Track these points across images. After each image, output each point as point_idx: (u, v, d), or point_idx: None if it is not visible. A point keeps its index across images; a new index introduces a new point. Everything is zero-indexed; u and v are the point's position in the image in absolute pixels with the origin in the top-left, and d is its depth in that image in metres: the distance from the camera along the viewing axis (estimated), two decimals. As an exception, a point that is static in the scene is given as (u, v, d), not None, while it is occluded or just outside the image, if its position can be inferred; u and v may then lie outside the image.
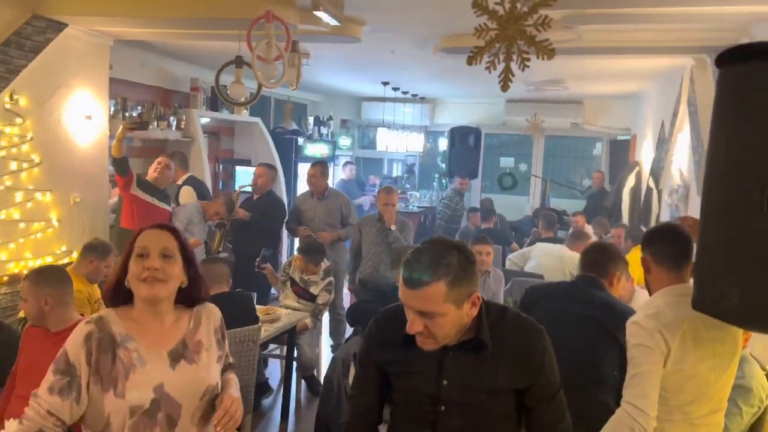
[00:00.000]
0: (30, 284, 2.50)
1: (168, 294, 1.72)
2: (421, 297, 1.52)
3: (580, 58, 4.83)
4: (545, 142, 9.58)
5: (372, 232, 4.81)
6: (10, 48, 3.89)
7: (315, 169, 5.34)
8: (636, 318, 2.05)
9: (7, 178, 3.97)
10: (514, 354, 1.63)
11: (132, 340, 1.68)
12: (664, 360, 1.93)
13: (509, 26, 1.73)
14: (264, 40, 2.74)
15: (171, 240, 1.74)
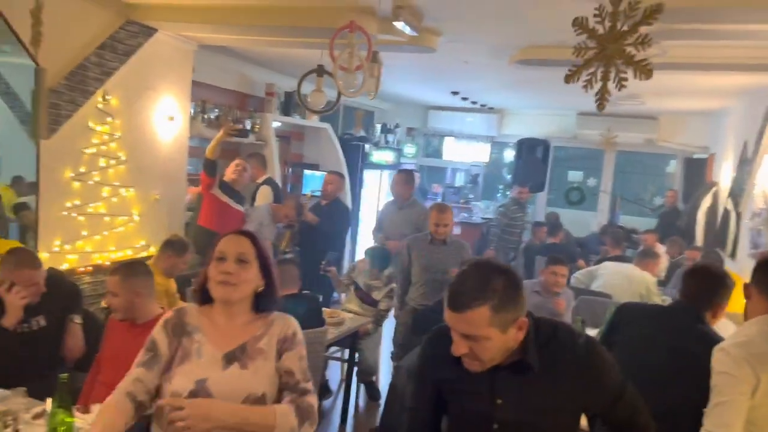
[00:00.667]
0: (121, 278, 2.62)
1: (240, 297, 1.79)
2: (464, 320, 1.51)
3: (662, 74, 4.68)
4: (617, 157, 9.32)
5: (423, 254, 4.29)
6: (105, 51, 4.12)
7: (399, 176, 5.37)
8: (724, 345, 1.97)
9: (97, 173, 4.20)
10: (568, 373, 1.60)
11: (200, 333, 1.80)
12: (751, 391, 1.85)
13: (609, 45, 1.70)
14: (347, 50, 2.80)
15: (248, 246, 1.81)
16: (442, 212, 4.19)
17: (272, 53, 5.62)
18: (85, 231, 4.16)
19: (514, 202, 7.40)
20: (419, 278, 4.32)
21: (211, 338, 1.79)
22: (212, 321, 1.82)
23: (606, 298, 5.00)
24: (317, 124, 7.20)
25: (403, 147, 9.35)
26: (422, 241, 4.31)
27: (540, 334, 1.62)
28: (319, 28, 3.70)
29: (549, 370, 1.60)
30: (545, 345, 1.61)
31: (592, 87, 1.81)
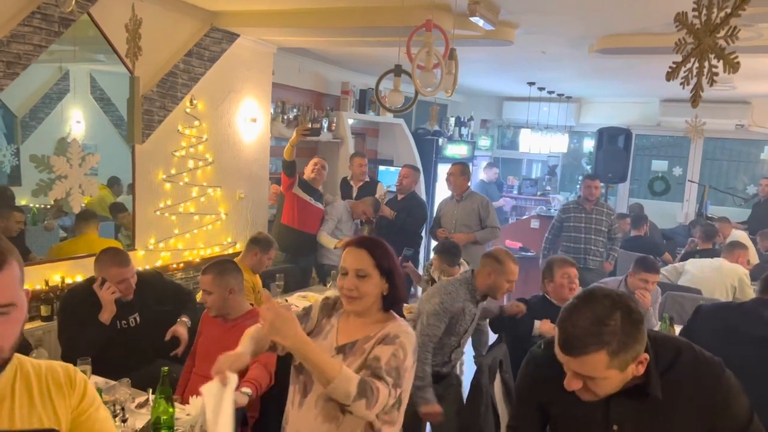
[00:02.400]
0: (214, 277, 2.76)
1: (363, 308, 1.87)
2: (579, 363, 1.42)
3: (755, 57, 4.41)
4: (704, 144, 8.85)
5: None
6: (192, 58, 4.33)
7: (455, 167, 5.35)
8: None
9: (186, 175, 4.43)
10: (692, 400, 1.48)
11: (337, 319, 1.95)
12: None
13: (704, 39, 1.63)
14: (424, 49, 2.82)
15: (366, 258, 1.85)
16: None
17: (347, 53, 5.71)
18: (177, 230, 4.40)
19: (583, 201, 5.71)
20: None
21: (341, 327, 1.92)
22: (348, 314, 1.93)
23: (695, 293, 4.79)
24: (391, 120, 7.25)
25: (477, 140, 9.26)
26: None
27: (661, 360, 1.50)
28: (395, 27, 3.72)
29: (671, 397, 1.49)
30: (668, 370, 1.50)
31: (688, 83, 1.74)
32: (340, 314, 1.95)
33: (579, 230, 5.58)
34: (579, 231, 5.58)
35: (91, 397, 1.36)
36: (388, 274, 1.86)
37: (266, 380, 2.56)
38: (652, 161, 9.48)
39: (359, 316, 1.90)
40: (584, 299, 1.46)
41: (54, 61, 3.77)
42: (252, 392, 2.43)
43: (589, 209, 5.57)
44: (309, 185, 5.03)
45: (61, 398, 1.30)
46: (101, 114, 4.58)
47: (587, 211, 5.58)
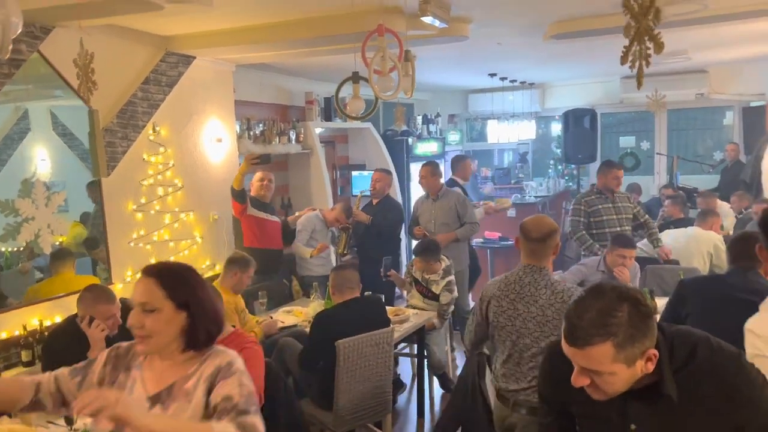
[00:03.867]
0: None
1: (155, 349, 1.61)
2: (584, 356, 1.38)
3: (705, 27, 4.51)
4: (668, 116, 9.00)
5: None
6: (149, 85, 4.30)
7: (425, 169, 5.38)
8: (750, 324, 1.86)
9: (157, 202, 4.39)
10: (713, 396, 1.43)
11: (138, 370, 1.68)
12: None
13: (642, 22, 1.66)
14: (378, 54, 2.83)
15: (153, 290, 1.58)
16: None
17: (307, 63, 5.71)
18: (153, 258, 4.36)
19: (596, 193, 5.15)
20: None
21: (146, 376, 1.66)
22: (151, 358, 1.67)
23: (673, 264, 4.87)
24: (359, 125, 7.26)
25: (446, 135, 9.31)
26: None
27: (675, 356, 1.45)
28: (349, 34, 3.75)
29: (688, 396, 1.43)
30: (683, 367, 1.45)
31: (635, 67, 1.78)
32: (140, 365, 1.68)
33: (612, 223, 4.98)
34: (613, 224, 4.97)
35: None
36: (187, 307, 1.59)
37: (256, 401, 2.55)
38: (620, 138, 9.62)
39: (164, 358, 1.64)
40: (591, 292, 1.44)
41: (10, 101, 3.72)
42: (242, 415, 2.41)
43: (612, 198, 5.06)
44: (260, 201, 4.96)
45: None
46: (66, 149, 4.52)
47: (612, 201, 5.05)
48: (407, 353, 5.01)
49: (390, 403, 3.61)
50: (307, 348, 3.42)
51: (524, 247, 2.59)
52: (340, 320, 3.35)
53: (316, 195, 6.35)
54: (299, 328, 4.07)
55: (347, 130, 7.51)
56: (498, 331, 2.62)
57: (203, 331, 1.62)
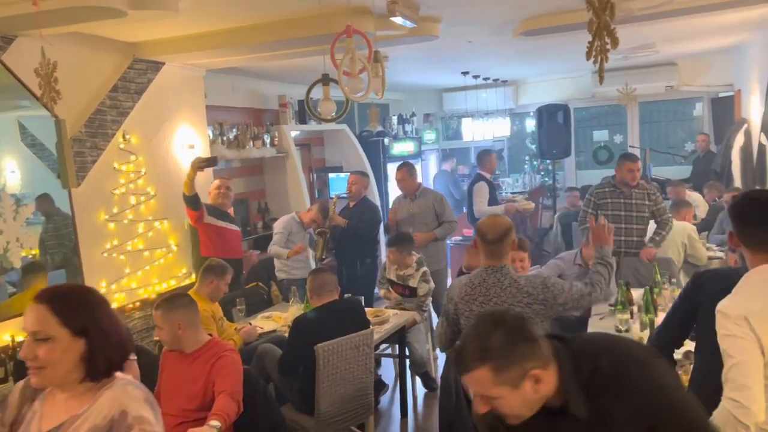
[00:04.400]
0: (162, 313, 2.73)
1: (51, 382, 1.47)
2: (470, 381, 1.44)
3: (671, 20, 4.57)
4: (640, 109, 9.12)
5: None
6: (117, 93, 4.24)
7: (401, 172, 5.39)
8: (720, 305, 1.89)
9: (130, 212, 4.33)
10: (621, 410, 1.42)
11: (42, 401, 1.55)
12: (759, 348, 1.77)
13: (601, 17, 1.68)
14: (348, 55, 2.82)
15: (47, 317, 1.43)
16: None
17: (279, 66, 5.67)
18: (128, 268, 4.30)
19: (610, 187, 4.78)
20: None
21: (45, 410, 1.52)
22: (52, 389, 1.52)
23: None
24: (335, 127, 7.24)
25: (422, 134, 9.33)
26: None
27: (582, 371, 1.44)
28: (318, 36, 3.73)
29: (600, 409, 1.42)
30: (589, 383, 1.43)
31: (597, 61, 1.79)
32: (45, 396, 1.53)
33: (618, 219, 4.63)
34: (618, 220, 4.62)
35: None
36: (85, 333, 1.44)
37: (234, 409, 2.53)
38: (593, 132, 9.72)
39: (62, 390, 1.49)
40: (478, 319, 1.51)
41: (-26, 114, 3.64)
42: (220, 424, 2.39)
43: (628, 193, 4.67)
44: (218, 210, 4.81)
45: None
46: (36, 160, 4.42)
47: (626, 196, 4.67)
48: (389, 354, 5.00)
49: (372, 404, 3.60)
50: (287, 353, 3.39)
51: (483, 249, 2.68)
52: (319, 324, 3.33)
53: (293, 199, 6.31)
54: (279, 333, 4.04)
55: (323, 133, 7.48)
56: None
57: (103, 360, 1.46)
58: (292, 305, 4.31)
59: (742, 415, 1.74)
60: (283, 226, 5.19)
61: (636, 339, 3.25)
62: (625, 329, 3.52)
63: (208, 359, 2.73)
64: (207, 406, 2.62)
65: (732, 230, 2.00)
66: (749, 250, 1.94)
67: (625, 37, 5.63)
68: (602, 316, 3.90)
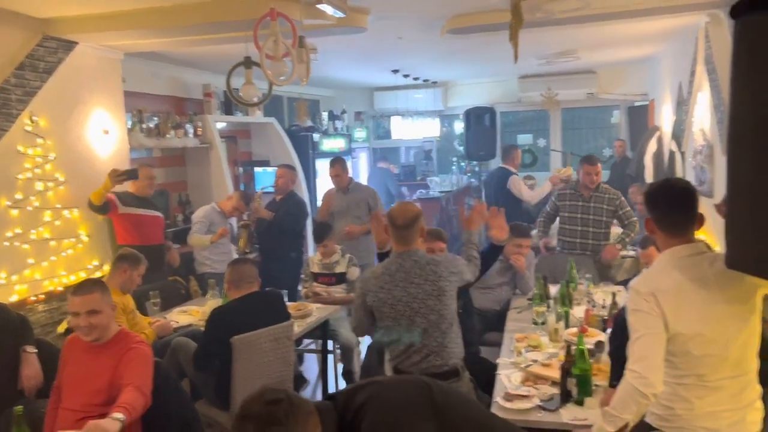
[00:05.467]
0: (102, 294, 2.59)
1: None
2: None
3: (590, 26, 4.74)
4: (562, 114, 9.46)
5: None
6: (24, 71, 3.97)
7: (336, 167, 5.39)
8: (633, 282, 2.05)
9: (35, 198, 4.06)
10: None
11: None
12: (663, 323, 1.93)
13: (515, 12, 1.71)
14: (271, 38, 2.75)
15: None
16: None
17: (203, 53, 5.49)
18: (32, 259, 4.03)
19: (573, 187, 4.95)
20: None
21: None
22: None
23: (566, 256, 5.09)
24: (262, 120, 7.10)
25: (353, 132, 9.30)
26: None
27: (345, 420, 1.51)
28: (241, 20, 3.62)
29: None
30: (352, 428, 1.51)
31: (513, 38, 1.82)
32: None
33: (574, 221, 4.81)
34: (574, 222, 4.81)
35: None
36: None
37: (141, 402, 2.39)
38: (518, 136, 10.00)
39: None
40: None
41: None
42: (124, 417, 2.25)
43: (587, 196, 4.77)
44: (137, 197, 4.61)
45: None
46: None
47: (585, 199, 4.79)
48: (312, 349, 4.93)
49: (291, 399, 3.52)
50: (202, 346, 3.26)
51: (394, 235, 2.74)
52: (237, 316, 3.22)
53: (217, 191, 6.12)
54: (195, 327, 3.88)
55: (250, 125, 7.31)
56: (398, 319, 2.69)
57: None
58: (210, 298, 4.17)
59: (642, 384, 1.85)
60: (203, 216, 5.02)
61: (551, 330, 3.35)
62: (542, 321, 3.62)
63: (116, 352, 2.57)
64: (113, 401, 2.46)
65: (649, 216, 2.11)
66: (663, 233, 2.06)
67: (548, 42, 5.83)
68: (520, 310, 4.00)
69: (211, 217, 5.04)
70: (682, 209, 2.04)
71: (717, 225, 4.46)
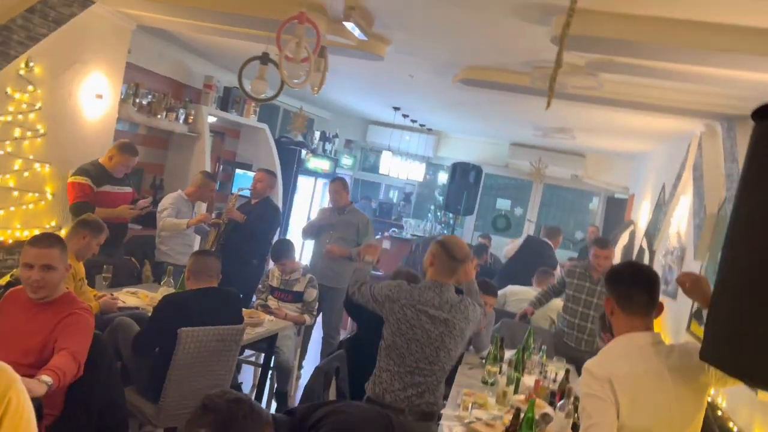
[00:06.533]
0: (61, 251, 2.50)
1: None
2: None
3: (593, 109, 4.89)
4: (544, 189, 9.65)
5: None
6: (34, 15, 3.87)
7: (336, 184, 5.36)
8: (588, 364, 1.98)
9: (9, 144, 3.91)
10: None
11: None
12: (616, 412, 1.86)
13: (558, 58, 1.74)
14: (294, 40, 2.74)
15: None
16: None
17: (213, 43, 5.46)
18: (-11, 203, 3.86)
19: (584, 266, 4.74)
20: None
21: None
22: None
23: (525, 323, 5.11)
24: (255, 124, 7.05)
25: (340, 157, 9.31)
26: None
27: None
28: (266, 19, 3.61)
29: None
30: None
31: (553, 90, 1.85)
32: None
33: (578, 301, 4.57)
34: (577, 302, 4.57)
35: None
36: None
37: (72, 370, 2.26)
38: (498, 199, 10.14)
39: None
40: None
41: None
42: (53, 382, 2.12)
43: (596, 279, 4.54)
44: (110, 175, 4.44)
45: None
46: None
47: (593, 281, 4.55)
48: (251, 361, 4.78)
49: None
50: (146, 329, 3.13)
51: (444, 265, 2.77)
52: (189, 306, 3.11)
53: (192, 182, 5.99)
54: (141, 311, 3.73)
55: (241, 126, 7.25)
56: (409, 343, 2.71)
57: None
58: (163, 286, 4.02)
59: None
60: (171, 202, 4.90)
61: (500, 392, 3.31)
62: (491, 382, 3.57)
63: (57, 312, 2.45)
64: (42, 364, 2.32)
65: (609, 295, 2.09)
66: (623, 313, 2.03)
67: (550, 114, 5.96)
68: (471, 366, 3.95)
69: (179, 205, 4.93)
70: (645, 287, 2.01)
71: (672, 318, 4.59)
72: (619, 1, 2.59)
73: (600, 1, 2.49)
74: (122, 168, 4.50)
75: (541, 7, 2.74)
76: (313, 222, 5.53)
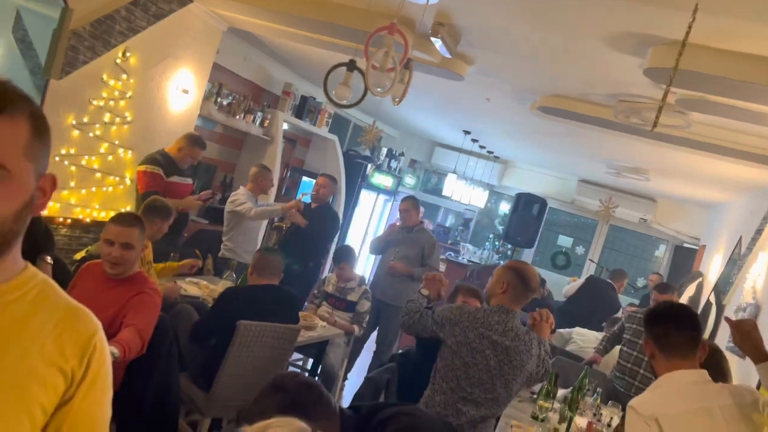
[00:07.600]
0: (140, 231, 2.60)
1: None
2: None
3: (674, 150, 4.72)
4: (609, 230, 9.37)
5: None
6: (136, 8, 4.07)
7: (407, 202, 5.31)
8: (633, 402, 1.90)
9: (99, 127, 4.10)
10: None
11: None
12: None
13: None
14: (382, 50, 2.76)
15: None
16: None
17: (295, 52, 5.60)
18: (73, 182, 4.04)
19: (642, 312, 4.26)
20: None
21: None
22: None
23: (578, 361, 4.94)
24: (326, 134, 7.16)
25: (404, 176, 9.33)
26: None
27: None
28: (354, 29, 3.68)
29: None
30: None
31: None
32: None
33: (633, 346, 4.22)
34: (633, 347, 4.23)
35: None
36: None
37: (137, 346, 2.31)
38: (559, 236, 9.91)
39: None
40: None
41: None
42: (119, 354, 2.17)
43: None
44: (177, 167, 4.51)
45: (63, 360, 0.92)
46: (18, 57, 4.16)
47: None
48: (298, 365, 4.79)
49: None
50: (206, 318, 3.19)
51: (520, 294, 2.73)
52: (250, 300, 3.15)
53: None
54: (201, 301, 3.81)
55: (312, 135, 7.38)
56: (468, 368, 2.63)
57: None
58: (225, 279, 4.10)
59: None
60: (246, 197, 4.98)
61: (551, 428, 3.19)
62: (542, 417, 3.45)
63: (129, 289, 2.52)
64: (109, 337, 2.37)
65: (647, 337, 2.01)
66: (663, 355, 1.95)
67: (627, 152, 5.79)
68: (521, 399, 3.83)
69: (249, 198, 5.04)
70: (684, 327, 1.94)
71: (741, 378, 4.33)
72: (723, 36, 2.50)
73: (704, 36, 2.41)
74: (189, 160, 4.59)
75: (639, 38, 2.68)
76: (380, 237, 5.53)
